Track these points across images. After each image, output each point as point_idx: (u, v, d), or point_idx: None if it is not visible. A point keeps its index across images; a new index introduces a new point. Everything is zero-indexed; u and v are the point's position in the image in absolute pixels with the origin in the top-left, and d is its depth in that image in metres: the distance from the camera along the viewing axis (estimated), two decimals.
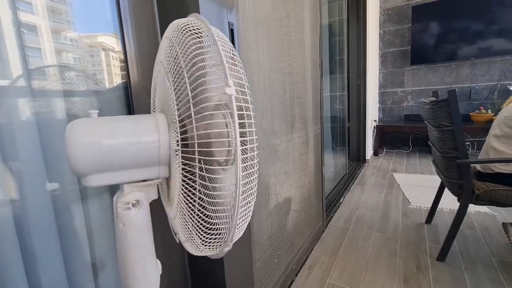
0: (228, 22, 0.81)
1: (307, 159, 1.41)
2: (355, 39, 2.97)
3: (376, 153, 3.46)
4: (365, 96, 3.01)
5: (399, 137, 3.75)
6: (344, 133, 2.77)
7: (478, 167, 1.41)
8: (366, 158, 3.10)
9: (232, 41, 0.82)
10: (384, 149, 3.72)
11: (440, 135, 1.33)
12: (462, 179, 1.27)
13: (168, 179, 0.48)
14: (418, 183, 2.37)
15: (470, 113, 3.10)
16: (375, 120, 3.52)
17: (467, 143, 3.21)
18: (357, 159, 3.08)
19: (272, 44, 1.05)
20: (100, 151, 0.36)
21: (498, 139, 1.31)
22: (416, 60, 3.43)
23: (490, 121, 2.80)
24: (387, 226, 1.69)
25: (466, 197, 1.26)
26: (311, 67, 1.46)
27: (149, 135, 0.40)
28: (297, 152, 1.28)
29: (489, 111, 2.99)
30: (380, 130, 3.47)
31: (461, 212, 1.29)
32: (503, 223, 1.39)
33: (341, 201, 2.08)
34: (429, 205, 1.75)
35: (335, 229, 1.70)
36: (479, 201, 1.26)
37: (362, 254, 1.42)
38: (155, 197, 0.44)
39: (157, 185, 0.45)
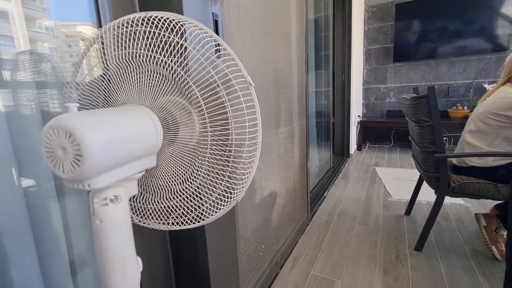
0: (213, 13, 0.79)
1: (292, 154, 1.43)
2: (340, 35, 3.00)
3: (359, 148, 3.55)
4: (349, 92, 3.06)
5: (381, 132, 3.85)
6: (328, 128, 2.82)
7: (454, 161, 1.48)
8: (350, 153, 3.17)
9: (216, 32, 0.81)
10: (367, 144, 3.82)
11: (420, 130, 1.38)
12: (439, 172, 1.32)
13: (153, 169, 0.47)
14: (398, 177, 2.45)
15: (448, 110, 3.24)
16: (359, 116, 3.60)
17: (445, 138, 3.35)
18: (341, 153, 3.14)
19: (257, 37, 1.04)
20: (115, 147, 0.34)
21: (473, 134, 1.37)
22: (398, 57, 3.52)
23: (466, 117, 2.93)
24: (369, 219, 1.75)
25: (442, 190, 1.32)
26: (297, 61, 1.47)
27: (147, 124, 0.40)
28: (282, 147, 1.29)
29: (465, 107, 3.13)
30: (364, 126, 3.55)
31: (438, 204, 1.35)
32: (475, 214, 1.47)
33: (325, 195, 2.12)
34: (409, 197, 1.82)
35: (319, 222, 1.73)
36: (455, 193, 1.32)
37: (345, 246, 1.46)
38: (135, 192, 0.43)
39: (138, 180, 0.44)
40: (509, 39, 3.01)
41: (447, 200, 1.90)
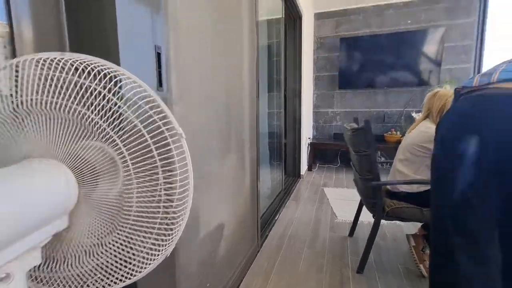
0: (155, 46, 0.76)
1: (242, 181, 1.42)
2: (292, 62, 3.19)
3: (310, 169, 3.72)
4: (300, 115, 3.23)
5: (329, 153, 4.11)
6: (281, 149, 2.90)
7: (389, 186, 1.63)
8: (301, 173, 3.30)
9: (159, 66, 0.78)
10: (317, 165, 4.03)
11: (359, 158, 1.50)
12: (375, 198, 1.44)
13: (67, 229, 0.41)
14: (344, 197, 2.61)
15: (384, 134, 3.62)
16: (309, 138, 3.80)
17: (383, 160, 3.71)
18: (293, 174, 3.25)
19: (207, 64, 1.03)
20: (3, 224, 0.28)
21: (402, 163, 1.54)
22: (343, 85, 3.86)
23: (399, 142, 3.31)
24: (316, 242, 1.80)
25: (378, 214, 1.44)
26: (249, 87, 1.50)
27: (56, 182, 0.34)
28: (231, 175, 1.28)
29: (398, 133, 3.53)
30: (314, 147, 3.75)
31: (375, 227, 1.45)
32: (406, 234, 1.62)
33: (276, 218, 2.15)
34: (352, 218, 1.94)
35: (269, 248, 1.73)
36: (389, 217, 1.45)
37: (294, 272, 1.47)
38: (37, 262, 0.37)
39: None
40: (429, 75, 3.54)
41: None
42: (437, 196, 0.91)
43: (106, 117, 0.40)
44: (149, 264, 0.45)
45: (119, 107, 0.40)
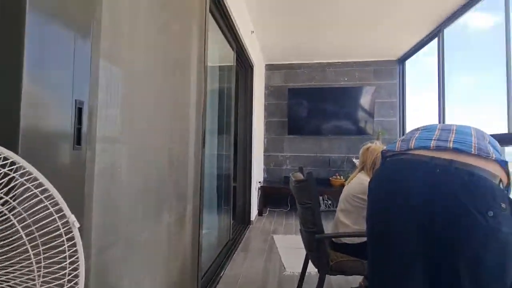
0: (75, 101, 0.68)
1: (180, 241, 1.28)
2: (243, 106, 3.29)
3: (260, 213, 3.66)
4: (251, 158, 3.25)
5: (280, 197, 4.15)
6: (229, 193, 2.81)
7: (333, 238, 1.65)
8: (251, 219, 3.21)
9: (79, 122, 0.69)
10: (268, 209, 3.99)
11: (302, 210, 1.50)
12: (319, 252, 1.42)
13: None
14: (293, 245, 2.57)
15: (330, 178, 3.82)
16: (259, 181, 3.80)
17: (330, 203, 3.86)
18: (242, 220, 3.14)
19: (149, 119, 0.97)
20: None
21: (343, 213, 1.59)
22: (292, 131, 4.08)
23: (343, 185, 3.51)
24: None
25: (323, 270, 1.41)
26: (195, 133, 1.45)
27: None
28: (165, 236, 1.14)
29: (342, 177, 3.77)
30: (264, 191, 3.75)
31: (321, 281, 1.41)
32: (350, 287, 1.61)
33: (221, 274, 1.97)
34: (300, 269, 1.87)
35: None
36: (333, 271, 1.43)
37: None
38: None
39: None
40: (366, 125, 3.98)
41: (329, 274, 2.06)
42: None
43: None
44: None
45: None
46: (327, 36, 3.42)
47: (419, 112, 3.96)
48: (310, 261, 1.80)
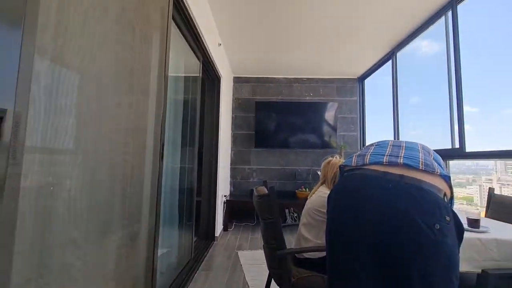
0: None
1: (131, 264, 1.16)
2: (210, 118, 3.22)
3: (226, 228, 3.55)
4: (216, 171, 3.16)
5: (246, 210, 4.08)
6: (192, 208, 2.68)
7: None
8: (216, 235, 3.08)
9: None
10: (234, 223, 3.89)
11: (265, 226, 1.47)
12: (281, 269, 1.39)
13: None
14: (258, 261, 2.50)
15: (296, 190, 3.86)
16: (225, 195, 3.71)
17: (296, 215, 3.88)
18: (206, 236, 3.01)
19: (98, 129, 0.87)
20: None
21: (305, 227, 1.58)
22: (259, 143, 4.09)
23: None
24: None
25: (285, 286, 1.37)
26: (153, 145, 1.36)
27: None
28: (112, 260, 1.02)
29: (307, 189, 3.83)
30: (230, 205, 3.65)
31: None
32: None
33: None
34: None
35: None
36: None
37: None
38: None
39: None
40: (329, 139, 4.13)
41: None
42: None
43: None
44: None
45: None
46: (293, 54, 3.54)
47: (379, 127, 4.23)
48: (271, 279, 1.75)
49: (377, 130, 4.20)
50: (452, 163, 2.43)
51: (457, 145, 2.33)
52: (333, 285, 0.93)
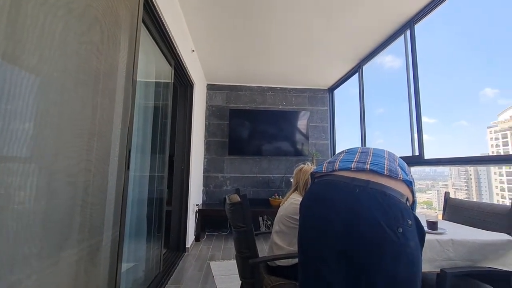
0: None
1: (90, 281, 1.06)
2: (182, 125, 3.14)
3: (197, 239, 3.43)
4: (188, 179, 3.07)
5: (220, 219, 4.00)
6: (161, 218, 2.56)
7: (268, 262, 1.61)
8: (187, 246, 2.97)
9: None
10: (206, 233, 3.79)
11: (237, 235, 1.44)
12: (253, 278, 1.36)
13: None
14: (231, 271, 2.44)
15: (269, 198, 3.87)
16: (197, 204, 3.61)
17: (269, 223, 3.87)
18: (177, 248, 2.88)
19: (57, 135, 0.79)
20: None
21: (278, 235, 1.58)
22: (232, 151, 4.06)
23: None
24: None
25: None
26: (118, 157, 1.28)
27: None
28: (69, 277, 0.93)
29: (280, 197, 3.86)
30: (203, 214, 3.56)
31: None
32: None
33: None
34: None
35: None
36: None
37: None
38: None
39: None
40: (302, 147, 4.22)
41: None
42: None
43: None
44: None
45: None
46: (266, 63, 3.61)
47: (348, 135, 4.43)
48: None
49: (346, 138, 4.39)
50: (413, 169, 2.60)
51: (416, 153, 2.50)
52: (303, 278, 0.94)
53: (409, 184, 0.90)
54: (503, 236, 1.25)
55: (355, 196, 0.86)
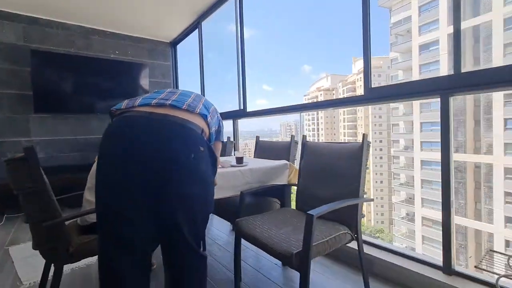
0: None
1: None
2: None
3: None
4: None
5: None
6: None
7: (79, 221, 1.41)
8: None
9: None
10: (5, 216, 2.85)
11: (25, 198, 1.14)
12: (57, 241, 1.15)
13: None
14: (37, 252, 1.99)
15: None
16: None
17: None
18: None
19: None
20: None
21: (90, 191, 1.40)
22: (41, 108, 3.11)
23: None
24: None
25: (59, 261, 1.16)
26: None
27: None
28: None
29: None
30: None
31: (57, 278, 1.16)
32: None
33: None
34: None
35: None
36: (76, 258, 1.20)
37: None
38: None
39: None
40: None
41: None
42: None
43: None
44: None
45: None
46: None
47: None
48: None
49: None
50: (240, 121, 3.01)
51: (242, 107, 2.89)
52: (103, 227, 0.89)
53: (205, 117, 0.99)
54: (282, 162, 1.69)
55: (152, 128, 0.86)
